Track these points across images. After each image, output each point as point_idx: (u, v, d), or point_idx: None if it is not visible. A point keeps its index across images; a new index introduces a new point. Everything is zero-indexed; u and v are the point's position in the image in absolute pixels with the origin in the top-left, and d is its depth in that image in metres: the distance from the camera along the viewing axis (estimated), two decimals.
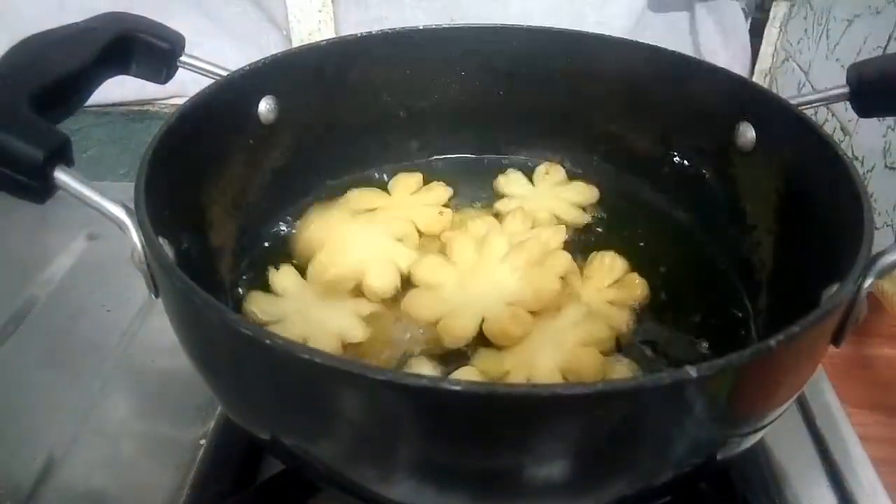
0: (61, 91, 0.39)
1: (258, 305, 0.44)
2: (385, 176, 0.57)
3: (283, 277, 0.46)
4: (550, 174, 0.57)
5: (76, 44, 0.40)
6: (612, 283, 0.46)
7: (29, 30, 0.40)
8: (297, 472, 0.41)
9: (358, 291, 0.45)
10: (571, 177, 0.57)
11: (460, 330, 0.42)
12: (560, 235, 0.50)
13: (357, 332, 0.43)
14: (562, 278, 0.45)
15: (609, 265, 0.47)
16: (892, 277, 0.59)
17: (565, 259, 0.47)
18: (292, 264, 0.47)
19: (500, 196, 0.55)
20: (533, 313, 0.43)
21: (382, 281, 0.45)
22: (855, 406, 0.51)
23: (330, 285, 0.44)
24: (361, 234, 0.49)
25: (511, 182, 0.56)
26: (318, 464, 0.34)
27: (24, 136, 0.34)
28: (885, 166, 0.63)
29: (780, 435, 0.47)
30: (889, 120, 0.63)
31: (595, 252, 0.48)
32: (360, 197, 0.54)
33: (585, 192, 0.56)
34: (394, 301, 0.45)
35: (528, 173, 0.57)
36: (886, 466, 0.46)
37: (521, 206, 0.52)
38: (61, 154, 0.35)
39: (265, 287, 0.46)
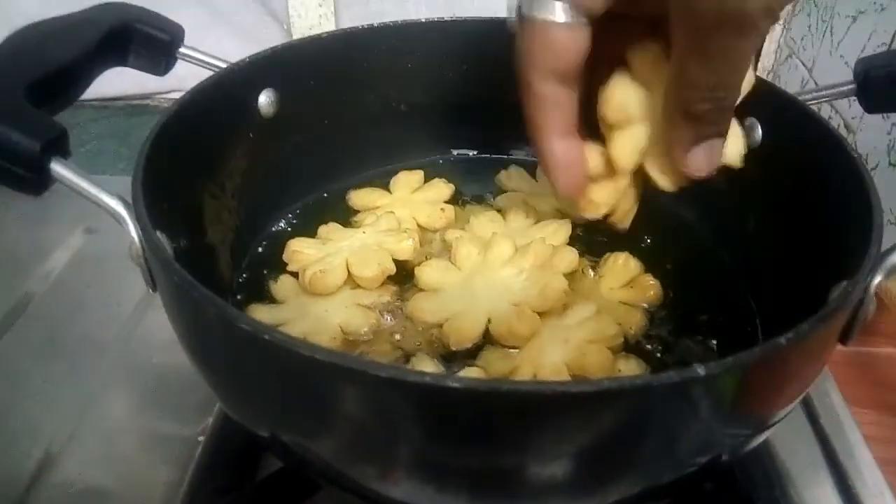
0: (58, 82, 0.38)
1: (259, 316, 0.43)
2: (387, 173, 0.56)
3: (281, 286, 0.45)
4: None
5: (73, 34, 0.40)
6: (625, 284, 0.46)
7: (27, 21, 0.40)
8: (297, 470, 0.40)
9: (356, 284, 0.45)
10: None
11: (466, 331, 0.41)
12: (566, 230, 0.49)
13: (358, 321, 0.43)
14: (568, 276, 0.45)
15: (623, 265, 0.46)
16: None
17: (571, 256, 0.47)
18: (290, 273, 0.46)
19: (503, 192, 0.55)
20: (540, 314, 0.42)
21: (369, 268, 0.45)
22: (860, 406, 0.50)
23: (321, 288, 0.44)
24: (346, 236, 0.48)
25: (513, 177, 0.56)
26: (318, 462, 0.33)
27: (21, 128, 0.33)
28: (889, 164, 0.63)
29: (784, 435, 0.46)
30: (893, 117, 0.63)
31: (609, 253, 0.48)
32: (360, 196, 0.54)
33: None
34: (398, 300, 0.45)
35: (531, 169, 0.57)
36: (891, 466, 0.46)
37: (525, 201, 0.52)
38: (58, 145, 0.34)
39: (264, 287, 0.46)
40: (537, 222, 0.50)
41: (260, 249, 0.49)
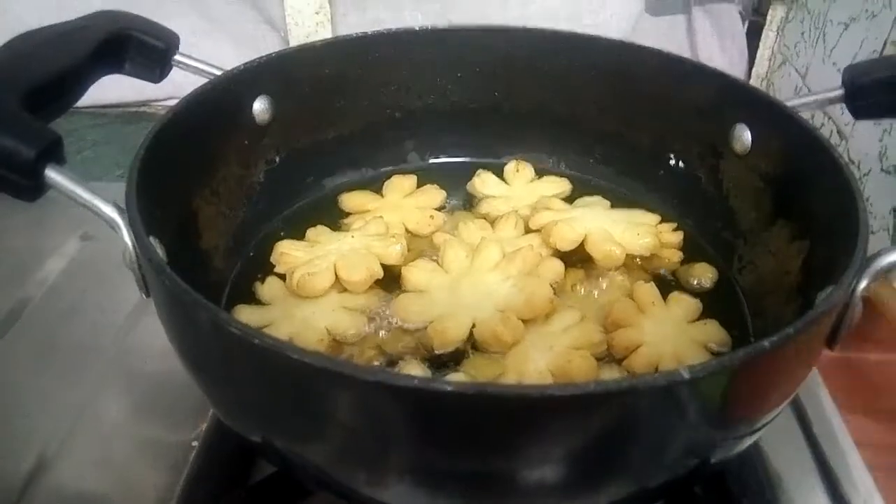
0: (53, 89, 0.39)
1: (245, 317, 0.43)
2: (380, 178, 0.57)
3: (268, 288, 0.46)
4: (521, 171, 0.57)
5: (69, 42, 0.40)
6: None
7: (24, 28, 0.40)
8: (289, 475, 0.40)
9: (344, 287, 0.45)
10: (540, 172, 0.57)
11: (451, 333, 0.42)
12: (565, 185, 0.49)
13: (345, 324, 0.43)
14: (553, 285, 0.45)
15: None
16: (889, 285, 0.59)
17: (557, 266, 0.47)
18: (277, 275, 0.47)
19: (480, 198, 0.55)
20: (524, 321, 0.42)
21: (357, 272, 0.45)
22: (851, 412, 0.50)
23: (309, 290, 0.44)
24: (334, 240, 0.48)
25: (486, 183, 0.56)
26: (310, 466, 0.34)
27: (16, 134, 0.33)
28: (881, 170, 0.63)
29: (776, 440, 0.46)
30: (885, 124, 0.63)
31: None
32: (352, 199, 0.54)
33: (559, 185, 0.56)
34: (385, 304, 0.45)
35: (499, 174, 0.57)
36: (882, 472, 0.46)
37: (516, 211, 0.52)
38: (53, 152, 0.34)
39: (255, 294, 0.46)
40: (526, 233, 0.50)
41: (253, 254, 0.50)
